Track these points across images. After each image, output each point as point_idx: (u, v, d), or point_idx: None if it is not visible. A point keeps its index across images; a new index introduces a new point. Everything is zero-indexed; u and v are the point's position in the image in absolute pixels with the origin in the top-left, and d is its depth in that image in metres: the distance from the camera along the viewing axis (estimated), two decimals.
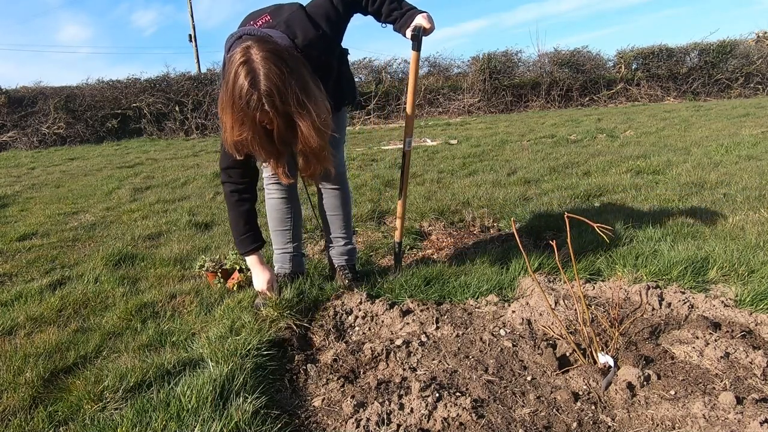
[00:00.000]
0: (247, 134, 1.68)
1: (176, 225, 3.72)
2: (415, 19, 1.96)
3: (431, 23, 1.97)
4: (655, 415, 1.36)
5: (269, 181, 2.29)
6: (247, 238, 2.09)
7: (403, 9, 1.99)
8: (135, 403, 1.47)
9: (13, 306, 2.37)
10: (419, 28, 1.96)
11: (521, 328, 1.86)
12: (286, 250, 2.37)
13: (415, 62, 2.09)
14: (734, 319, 1.83)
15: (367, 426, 1.36)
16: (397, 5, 1.99)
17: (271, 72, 1.58)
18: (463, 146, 7.18)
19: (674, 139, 6.45)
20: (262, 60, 1.59)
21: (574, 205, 3.62)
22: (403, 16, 1.98)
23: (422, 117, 13.57)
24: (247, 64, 1.59)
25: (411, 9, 2.00)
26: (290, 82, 1.61)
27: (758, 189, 3.60)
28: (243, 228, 2.07)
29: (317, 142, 1.70)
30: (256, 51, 1.60)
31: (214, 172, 5.95)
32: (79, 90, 13.04)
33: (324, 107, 1.71)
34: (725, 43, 14.31)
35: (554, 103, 14.22)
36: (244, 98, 1.59)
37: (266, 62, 1.59)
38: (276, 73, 1.59)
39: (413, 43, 2.01)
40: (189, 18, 23.71)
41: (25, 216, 4.35)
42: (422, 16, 1.96)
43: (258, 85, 1.58)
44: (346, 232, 2.39)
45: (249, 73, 1.58)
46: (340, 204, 2.34)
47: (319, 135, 1.69)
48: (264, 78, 1.58)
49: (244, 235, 2.08)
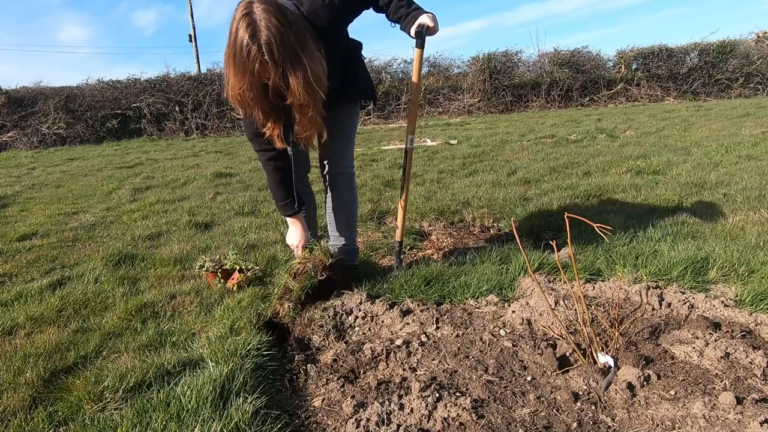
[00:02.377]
0: (246, 88, 1.75)
1: (176, 225, 3.72)
2: (419, 18, 2.02)
3: (435, 23, 2.03)
4: (655, 415, 1.36)
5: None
6: (289, 203, 2.17)
7: (410, 8, 2.06)
8: (135, 403, 1.47)
9: (13, 306, 2.37)
10: (423, 26, 2.02)
11: (521, 328, 1.86)
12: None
13: (418, 59, 2.15)
14: (734, 319, 1.83)
15: (367, 426, 1.36)
16: (405, 3, 2.06)
17: (271, 23, 1.65)
18: (463, 146, 7.18)
19: (674, 139, 6.45)
20: (262, 12, 1.66)
21: (574, 205, 3.62)
22: (408, 15, 2.05)
23: (422, 117, 13.57)
24: (248, 17, 1.66)
25: (417, 9, 2.06)
26: (288, 33, 1.67)
27: (758, 189, 3.60)
28: (284, 194, 2.16)
29: (305, 98, 1.75)
30: (258, 5, 1.67)
31: (214, 172, 5.95)
32: (79, 90, 13.03)
33: (320, 65, 1.77)
34: (725, 43, 14.30)
35: (554, 103, 14.22)
36: (245, 49, 1.67)
37: (266, 14, 1.66)
38: (275, 25, 1.65)
39: (417, 40, 2.07)
40: (189, 18, 23.73)
41: (25, 216, 4.35)
42: (427, 16, 2.02)
43: (258, 36, 1.65)
44: (349, 233, 2.42)
45: (249, 25, 1.65)
46: (347, 202, 2.39)
47: (309, 90, 1.74)
48: (264, 29, 1.65)
49: (286, 200, 2.16)
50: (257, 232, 3.39)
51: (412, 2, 2.09)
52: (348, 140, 2.31)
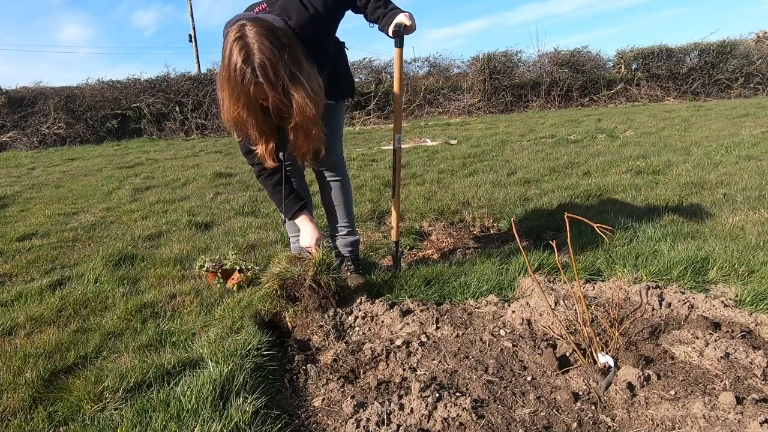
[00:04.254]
0: (242, 110, 1.77)
1: (176, 225, 3.72)
2: (396, 18, 2.02)
3: (412, 21, 2.04)
4: (655, 415, 1.36)
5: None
6: (290, 203, 2.16)
7: (387, 9, 2.06)
8: (135, 403, 1.47)
9: (13, 306, 2.37)
10: (401, 25, 2.02)
11: (521, 328, 1.86)
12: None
13: (398, 59, 2.16)
14: (734, 319, 1.83)
15: (367, 426, 1.36)
16: (382, 4, 2.07)
17: (264, 46, 1.66)
18: (463, 146, 7.18)
19: (674, 139, 6.45)
20: (255, 35, 1.67)
21: (574, 205, 3.62)
22: (385, 15, 2.05)
23: (422, 117, 13.57)
24: (240, 40, 1.67)
25: (394, 9, 2.06)
26: (282, 55, 1.69)
27: (758, 189, 3.60)
28: (285, 196, 2.16)
29: (312, 111, 1.77)
30: (250, 27, 1.68)
31: (214, 173, 5.95)
32: (79, 90, 13.02)
33: (316, 81, 1.80)
34: (725, 43, 14.30)
35: (554, 103, 14.21)
36: (239, 73, 1.68)
37: (259, 37, 1.67)
38: (268, 47, 1.67)
39: (395, 39, 2.08)
40: (189, 18, 23.72)
41: (25, 216, 4.35)
42: (404, 15, 2.02)
43: (251, 59, 1.66)
44: (348, 221, 2.50)
45: (242, 48, 1.66)
46: (340, 194, 2.44)
47: (314, 104, 1.77)
48: (257, 51, 1.66)
49: (286, 200, 2.15)
50: (257, 232, 3.39)
51: (389, 2, 2.09)
52: (337, 134, 2.36)
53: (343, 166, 2.44)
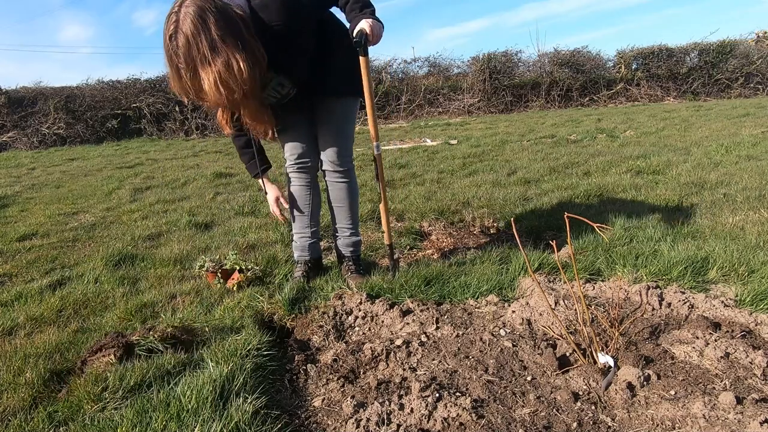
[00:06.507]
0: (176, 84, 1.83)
1: (176, 225, 3.72)
2: (359, 24, 1.92)
3: (374, 32, 1.92)
4: (655, 415, 1.36)
5: (292, 169, 2.39)
6: (251, 166, 2.37)
7: (359, 12, 1.97)
8: (135, 403, 1.46)
9: (13, 306, 2.37)
10: (361, 33, 1.90)
11: (521, 328, 1.86)
12: (304, 234, 2.50)
13: (364, 68, 2.00)
14: (734, 319, 1.83)
15: (367, 426, 1.36)
16: (357, 7, 1.98)
17: (185, 25, 1.70)
18: (463, 146, 7.18)
19: (674, 139, 6.45)
20: (183, 14, 1.70)
21: (574, 205, 3.62)
22: (354, 19, 1.96)
23: (422, 117, 13.57)
24: (171, 17, 1.73)
25: (364, 14, 1.95)
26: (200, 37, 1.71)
27: (758, 189, 3.60)
28: (246, 159, 2.37)
29: (214, 98, 1.80)
30: (188, 4, 1.71)
31: (214, 173, 5.95)
32: (79, 90, 13.02)
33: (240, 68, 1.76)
34: (725, 43, 14.30)
35: (554, 103, 14.21)
36: (168, 50, 1.75)
37: (186, 16, 1.70)
38: (189, 28, 1.70)
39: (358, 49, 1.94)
40: None
41: (25, 216, 4.35)
42: (365, 21, 1.90)
43: (176, 38, 1.72)
44: (352, 223, 2.49)
45: (171, 25, 1.72)
46: (345, 196, 2.43)
47: (217, 92, 1.77)
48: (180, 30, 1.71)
49: (249, 162, 2.37)
50: (257, 232, 3.39)
51: (366, 5, 1.99)
52: (343, 133, 2.30)
53: (351, 168, 2.39)
